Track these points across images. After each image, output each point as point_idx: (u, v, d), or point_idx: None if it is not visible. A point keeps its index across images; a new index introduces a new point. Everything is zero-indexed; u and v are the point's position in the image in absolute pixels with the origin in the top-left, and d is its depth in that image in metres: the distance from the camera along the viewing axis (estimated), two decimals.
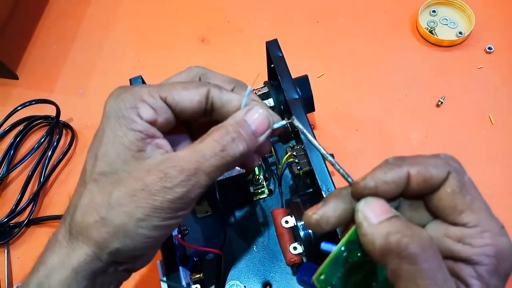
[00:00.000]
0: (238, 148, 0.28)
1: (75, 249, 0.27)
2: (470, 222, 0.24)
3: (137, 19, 0.73)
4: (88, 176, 0.28)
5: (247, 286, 0.49)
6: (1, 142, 0.63)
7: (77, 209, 0.28)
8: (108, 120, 0.28)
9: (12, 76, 0.68)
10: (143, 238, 0.27)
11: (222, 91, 0.30)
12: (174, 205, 0.27)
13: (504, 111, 0.60)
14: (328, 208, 0.26)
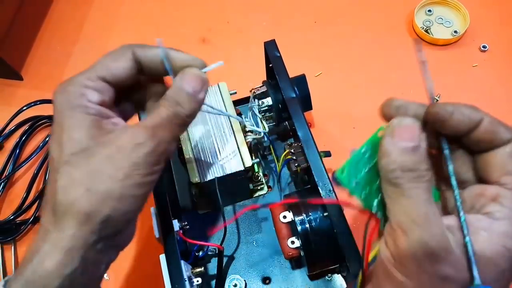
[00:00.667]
0: (186, 109, 0.32)
1: (64, 229, 0.28)
2: (509, 184, 0.25)
3: (138, 20, 0.74)
4: (57, 162, 0.30)
5: (247, 280, 0.50)
6: (7, 142, 0.64)
7: (57, 192, 0.29)
8: (62, 113, 0.30)
9: (17, 77, 0.69)
10: (130, 198, 0.29)
11: (144, 48, 0.33)
12: (149, 158, 0.29)
13: (498, 108, 0.61)
14: (409, 105, 0.28)
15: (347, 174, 0.29)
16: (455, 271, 0.23)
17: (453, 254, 0.23)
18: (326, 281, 0.49)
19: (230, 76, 0.64)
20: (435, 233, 0.23)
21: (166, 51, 0.34)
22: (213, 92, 0.51)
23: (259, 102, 0.52)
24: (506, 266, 0.24)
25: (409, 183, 0.24)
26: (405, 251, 0.24)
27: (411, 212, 0.24)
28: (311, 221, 0.43)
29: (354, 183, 0.29)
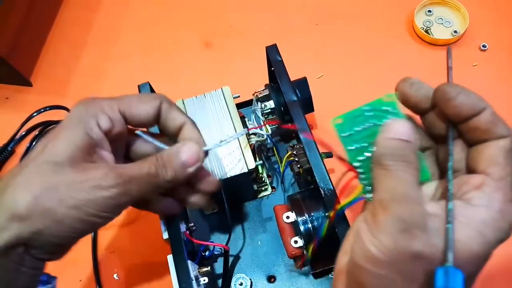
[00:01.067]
0: (167, 175, 0.33)
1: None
2: (495, 174, 0.26)
3: (144, 26, 0.76)
4: (30, 160, 0.31)
5: (252, 278, 0.51)
6: (18, 147, 0.66)
7: (8, 186, 0.30)
8: (70, 121, 0.32)
9: (26, 83, 0.71)
10: (67, 227, 0.30)
11: (172, 107, 0.35)
12: (104, 202, 0.30)
13: (497, 107, 0.62)
14: (423, 85, 0.30)
15: (342, 124, 0.32)
16: (428, 250, 0.24)
17: (428, 234, 0.24)
18: (330, 279, 0.51)
19: (233, 80, 0.66)
20: (412, 211, 0.25)
21: (184, 122, 0.36)
22: (217, 96, 0.52)
23: (261, 105, 0.53)
24: (479, 250, 0.25)
25: (397, 166, 0.26)
26: (382, 225, 0.25)
27: (393, 191, 0.26)
28: (313, 220, 0.45)
29: (347, 134, 0.32)
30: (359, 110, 0.31)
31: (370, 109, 0.31)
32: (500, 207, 0.25)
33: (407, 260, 0.24)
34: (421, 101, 0.30)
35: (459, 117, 0.28)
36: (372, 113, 0.31)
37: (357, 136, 0.32)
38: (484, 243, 0.25)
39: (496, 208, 0.25)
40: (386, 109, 0.31)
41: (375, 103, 0.31)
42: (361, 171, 0.31)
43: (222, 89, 0.53)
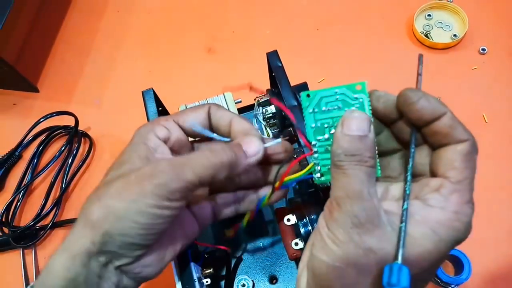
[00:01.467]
0: (226, 155, 0.32)
1: (74, 232, 0.30)
2: (452, 177, 0.27)
3: (147, 32, 0.77)
4: (102, 180, 0.33)
5: (255, 280, 0.52)
6: (26, 152, 0.67)
7: (88, 197, 0.32)
8: (132, 141, 0.34)
9: (33, 89, 0.73)
10: (131, 222, 0.30)
11: (218, 108, 0.36)
12: (159, 191, 0.30)
13: (497, 109, 0.63)
14: (388, 96, 0.31)
15: (310, 99, 0.33)
16: (380, 245, 0.26)
17: (380, 230, 0.26)
18: None
19: (235, 85, 0.67)
20: (365, 207, 0.26)
21: (232, 117, 0.36)
22: (219, 102, 0.53)
23: (263, 109, 0.54)
24: (432, 247, 0.26)
25: (350, 165, 0.28)
26: (337, 221, 0.27)
27: (347, 188, 0.27)
28: (313, 223, 0.46)
29: (311, 110, 0.33)
30: (330, 90, 0.32)
31: (341, 92, 0.32)
32: (455, 208, 0.27)
33: (360, 254, 0.26)
34: (390, 113, 0.31)
35: (421, 121, 0.29)
36: (342, 97, 0.32)
37: (321, 115, 0.33)
38: (437, 240, 0.26)
39: (452, 209, 0.27)
40: (356, 97, 0.32)
41: (348, 87, 0.32)
42: (315, 150, 0.33)
43: (224, 94, 0.54)
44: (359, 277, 0.26)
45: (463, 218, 0.27)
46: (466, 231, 0.28)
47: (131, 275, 0.32)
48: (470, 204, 0.28)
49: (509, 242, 0.55)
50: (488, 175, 0.59)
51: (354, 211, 0.26)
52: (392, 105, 0.31)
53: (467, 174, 0.28)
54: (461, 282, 0.51)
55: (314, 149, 0.33)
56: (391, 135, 0.32)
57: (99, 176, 0.65)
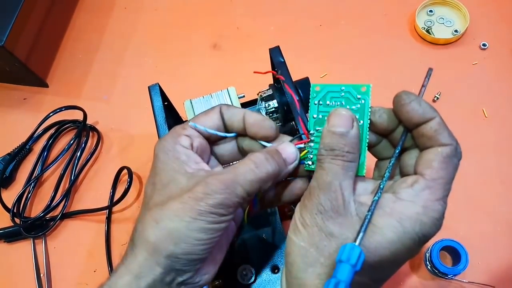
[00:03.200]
0: (271, 166, 0.33)
1: (136, 255, 0.31)
2: (427, 175, 0.29)
3: (154, 29, 0.79)
4: (147, 201, 0.34)
5: (257, 269, 0.54)
6: (36, 145, 0.69)
7: (138, 223, 0.33)
8: (157, 157, 0.34)
9: (43, 84, 0.74)
10: (193, 240, 0.31)
11: (229, 107, 0.37)
12: (215, 209, 0.31)
13: (497, 104, 0.64)
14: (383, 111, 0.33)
15: (318, 92, 0.35)
16: (341, 231, 0.29)
17: (344, 218, 0.29)
18: None
19: (239, 80, 0.68)
20: (331, 197, 0.29)
21: (243, 112, 0.37)
22: (223, 96, 0.55)
23: (266, 104, 0.56)
24: (393, 237, 0.28)
25: (327, 159, 0.30)
26: (306, 207, 0.30)
27: (319, 179, 0.30)
28: None
29: (317, 101, 0.35)
30: (337, 87, 0.35)
31: (347, 90, 0.34)
32: (424, 203, 0.29)
33: (322, 237, 0.29)
34: (386, 125, 0.33)
35: (410, 123, 0.31)
36: (347, 95, 0.34)
37: (324, 108, 0.35)
38: (401, 232, 0.28)
39: (421, 204, 0.29)
40: (359, 98, 0.34)
41: (353, 87, 0.34)
42: (312, 139, 0.35)
43: (228, 89, 0.55)
44: (320, 257, 0.29)
45: (431, 213, 0.29)
46: (434, 227, 0.29)
47: (191, 286, 0.34)
48: (441, 202, 0.29)
49: (506, 235, 0.56)
50: (487, 169, 0.60)
51: (320, 199, 0.30)
52: (387, 117, 0.33)
53: (442, 174, 0.29)
54: (458, 272, 0.52)
55: (311, 138, 0.35)
56: (389, 144, 0.34)
57: (107, 169, 0.67)
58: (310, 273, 0.29)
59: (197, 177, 0.33)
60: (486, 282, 0.53)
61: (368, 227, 0.29)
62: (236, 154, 0.38)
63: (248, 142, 0.37)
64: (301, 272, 0.30)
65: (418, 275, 0.55)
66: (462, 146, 0.60)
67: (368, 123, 0.33)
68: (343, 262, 0.27)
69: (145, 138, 0.68)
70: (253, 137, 0.37)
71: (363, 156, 0.33)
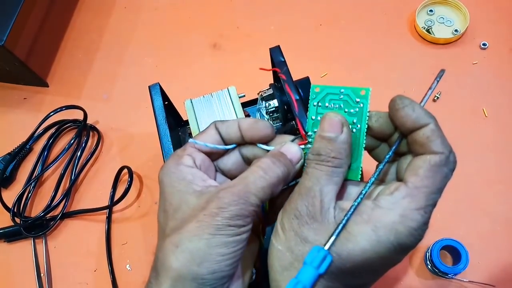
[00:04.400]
0: (279, 169, 0.32)
1: (161, 284, 0.30)
2: (411, 182, 0.28)
3: (154, 29, 0.79)
4: (162, 229, 0.33)
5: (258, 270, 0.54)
6: (36, 145, 0.69)
7: (158, 252, 0.32)
8: (162, 182, 0.34)
9: (43, 84, 0.74)
10: (217, 256, 0.30)
11: (223, 122, 0.37)
12: (233, 222, 0.30)
13: (497, 104, 0.64)
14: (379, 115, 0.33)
15: (318, 93, 0.35)
16: (315, 237, 0.29)
17: (320, 224, 0.29)
18: None
19: (240, 80, 0.68)
20: (308, 203, 0.29)
21: (237, 121, 0.36)
22: (223, 96, 0.55)
23: (266, 104, 0.56)
24: (366, 246, 0.27)
25: (311, 164, 0.31)
26: (286, 212, 0.31)
27: (300, 184, 0.31)
28: None
29: (316, 103, 0.35)
30: (337, 89, 0.35)
31: (346, 93, 0.34)
32: (403, 212, 0.27)
33: (298, 242, 0.29)
34: (384, 129, 0.32)
35: (404, 128, 0.30)
36: (346, 98, 0.34)
37: (322, 110, 0.35)
38: (374, 240, 0.27)
39: (399, 212, 0.28)
40: (358, 101, 0.34)
41: (352, 90, 0.34)
42: (310, 140, 0.35)
43: (228, 88, 0.55)
44: (294, 261, 0.29)
45: (408, 223, 0.27)
46: (411, 237, 0.28)
47: None
48: (422, 212, 0.28)
49: (506, 234, 0.56)
50: (487, 168, 0.60)
51: (297, 204, 0.30)
52: (384, 122, 0.32)
53: (427, 183, 0.28)
54: (458, 272, 0.52)
55: (309, 139, 0.35)
56: (388, 148, 0.34)
57: (107, 168, 0.67)
58: (285, 276, 0.29)
59: (207, 193, 0.32)
60: (486, 281, 0.53)
61: (343, 233, 0.28)
62: (242, 165, 0.38)
63: (250, 149, 0.37)
64: (277, 275, 0.30)
65: (418, 275, 0.55)
66: (462, 146, 0.61)
67: (366, 127, 0.33)
68: (307, 264, 0.27)
69: (145, 137, 0.68)
70: (252, 142, 0.36)
71: (359, 160, 0.33)
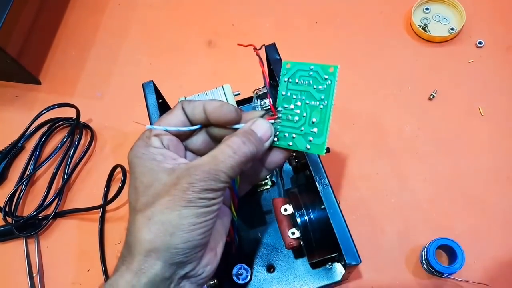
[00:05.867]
0: (248, 149, 0.34)
1: (134, 254, 0.31)
2: None
3: (149, 26, 0.78)
4: (133, 206, 0.33)
5: (252, 268, 0.53)
6: (28, 143, 0.69)
7: (130, 226, 0.33)
8: (133, 163, 0.34)
9: (36, 82, 0.73)
10: (188, 225, 0.31)
11: (190, 102, 0.37)
12: (204, 195, 0.31)
13: (492, 102, 0.64)
14: None
15: (289, 69, 0.37)
16: None
17: None
18: (327, 270, 0.53)
19: (235, 78, 0.68)
20: None
21: (203, 103, 0.37)
22: (218, 94, 0.54)
23: (261, 102, 0.55)
24: None
25: None
26: None
27: None
28: (309, 213, 0.47)
29: (287, 79, 0.37)
30: (307, 65, 0.36)
31: (315, 70, 0.35)
32: None
33: None
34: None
35: None
36: (315, 75, 0.35)
37: (292, 86, 0.36)
38: None
39: None
40: (326, 78, 0.35)
41: (322, 67, 0.35)
42: (279, 116, 0.36)
43: (223, 86, 0.55)
44: None
45: None
46: None
47: (194, 279, 0.34)
48: None
49: (502, 233, 0.56)
50: (483, 167, 0.60)
51: None
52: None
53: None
54: (454, 271, 0.52)
55: (279, 115, 0.36)
56: None
57: (100, 167, 0.67)
58: None
59: (178, 170, 0.33)
60: (481, 281, 0.53)
61: None
62: (211, 144, 0.38)
63: (217, 129, 0.37)
64: None
65: (414, 274, 0.54)
66: (458, 144, 0.61)
67: (333, 104, 0.34)
68: None
69: (139, 136, 0.67)
70: (217, 125, 0.37)
71: (324, 135, 0.35)
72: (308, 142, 0.36)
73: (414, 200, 0.59)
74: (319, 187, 0.45)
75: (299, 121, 0.37)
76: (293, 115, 0.37)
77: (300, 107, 0.37)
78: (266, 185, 0.58)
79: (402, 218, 0.58)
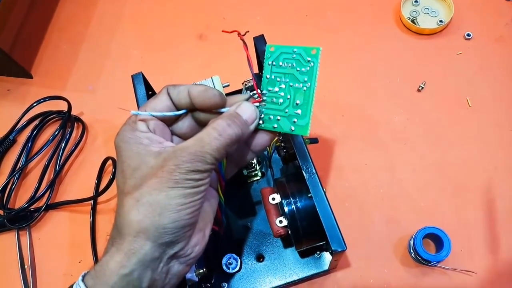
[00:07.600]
0: (233, 131, 0.35)
1: (123, 235, 0.32)
2: None
3: (140, 20, 0.78)
4: (121, 190, 0.34)
5: (242, 258, 0.54)
6: (20, 136, 0.69)
7: (119, 208, 0.33)
8: (120, 147, 0.35)
9: (27, 75, 0.74)
10: (176, 205, 0.32)
11: (175, 87, 0.37)
12: (190, 176, 0.32)
13: (480, 93, 0.65)
14: None
15: (273, 52, 0.38)
16: None
17: None
18: (316, 259, 0.53)
19: (225, 70, 0.68)
20: None
21: (188, 87, 0.37)
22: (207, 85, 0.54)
23: (250, 93, 0.55)
24: None
25: None
26: None
27: None
28: (297, 202, 0.47)
29: (271, 62, 0.38)
30: (290, 48, 0.37)
31: (298, 52, 0.36)
32: None
33: None
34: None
35: None
36: (298, 57, 0.36)
37: (276, 69, 0.37)
38: None
39: None
40: (309, 60, 0.35)
41: (304, 49, 0.36)
42: (264, 99, 0.37)
43: (212, 78, 0.55)
44: None
45: None
46: None
47: (183, 259, 0.34)
48: None
49: (488, 222, 0.56)
50: (470, 158, 0.60)
51: None
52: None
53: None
54: (441, 259, 0.52)
55: (263, 98, 0.37)
56: None
57: (92, 160, 0.67)
58: None
59: (164, 153, 0.33)
60: (468, 269, 0.53)
61: None
62: (196, 128, 0.38)
63: (202, 114, 0.38)
64: None
65: (402, 263, 0.55)
66: (446, 135, 0.61)
67: (315, 85, 0.35)
68: None
69: None
70: (202, 109, 0.37)
71: (308, 117, 0.36)
72: (292, 124, 0.37)
73: (403, 189, 0.59)
74: (305, 176, 0.45)
75: (284, 103, 0.37)
76: (278, 98, 0.37)
77: (284, 89, 0.37)
78: (256, 176, 0.58)
79: (391, 207, 0.58)
